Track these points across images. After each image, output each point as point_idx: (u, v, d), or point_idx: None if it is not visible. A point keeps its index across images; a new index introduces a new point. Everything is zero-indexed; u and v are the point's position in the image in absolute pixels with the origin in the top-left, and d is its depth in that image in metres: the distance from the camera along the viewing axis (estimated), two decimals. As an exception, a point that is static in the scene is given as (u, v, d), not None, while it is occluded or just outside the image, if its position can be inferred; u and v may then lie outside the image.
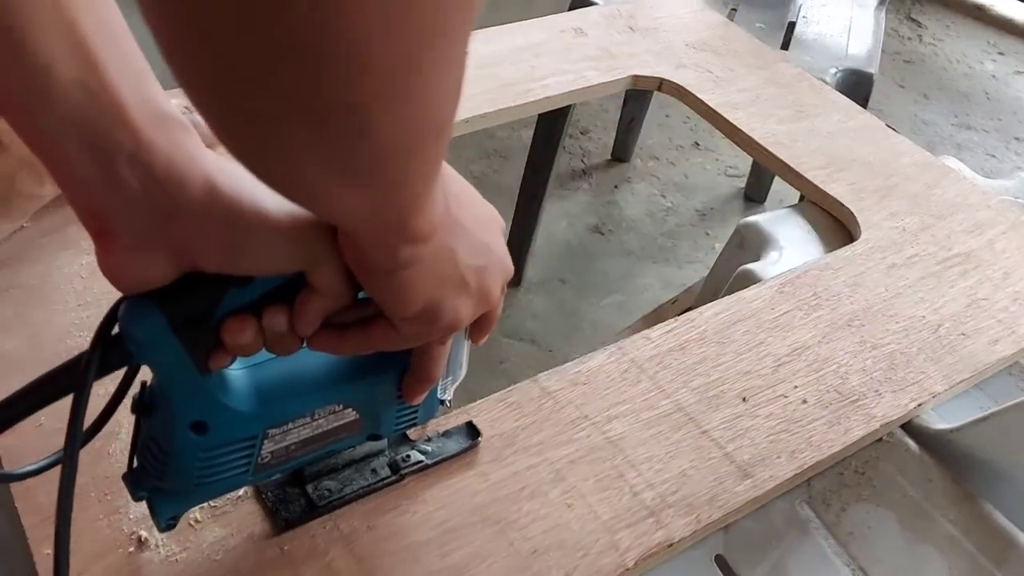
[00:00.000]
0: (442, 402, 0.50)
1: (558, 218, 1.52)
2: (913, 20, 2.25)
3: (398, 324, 0.37)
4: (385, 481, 0.53)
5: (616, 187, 1.61)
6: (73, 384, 0.35)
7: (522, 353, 1.25)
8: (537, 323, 1.32)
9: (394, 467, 0.53)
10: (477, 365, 1.22)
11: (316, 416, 0.43)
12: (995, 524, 0.61)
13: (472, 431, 0.57)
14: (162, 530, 0.44)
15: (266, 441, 0.42)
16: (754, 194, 1.58)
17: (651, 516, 0.55)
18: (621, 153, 1.65)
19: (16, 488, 0.50)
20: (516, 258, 1.36)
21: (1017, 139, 1.85)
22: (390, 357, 0.42)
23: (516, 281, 1.39)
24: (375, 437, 0.48)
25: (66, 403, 0.36)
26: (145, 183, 0.33)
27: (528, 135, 1.32)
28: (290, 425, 0.42)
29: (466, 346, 0.48)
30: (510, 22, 1.56)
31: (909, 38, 2.17)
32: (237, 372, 0.40)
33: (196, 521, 0.50)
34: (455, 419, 0.59)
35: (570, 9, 1.17)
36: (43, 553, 0.47)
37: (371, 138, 0.25)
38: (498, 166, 1.61)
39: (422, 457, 0.54)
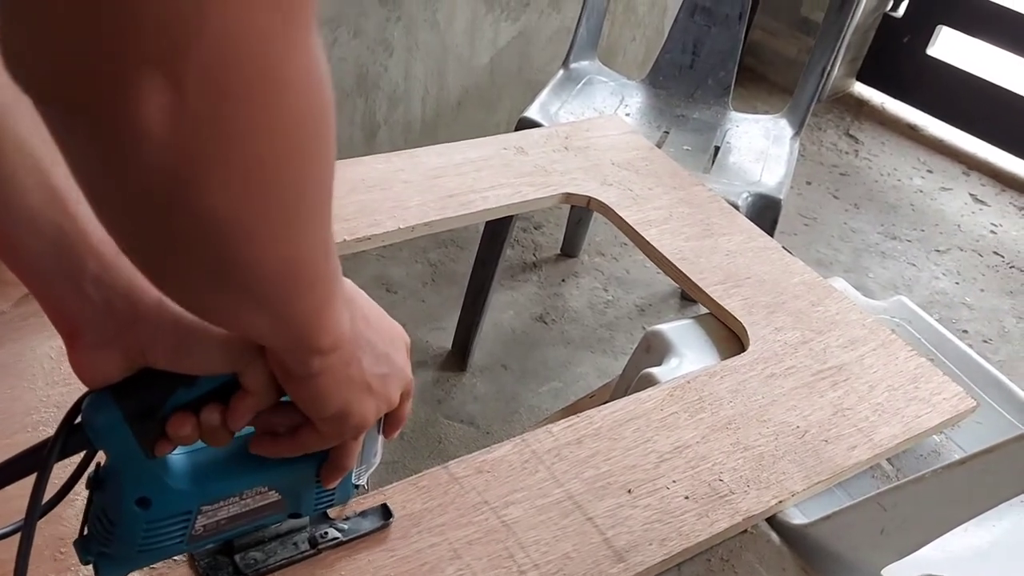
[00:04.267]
0: (356, 487, 0.58)
1: (506, 307, 1.63)
2: (851, 136, 2.43)
3: (318, 425, 0.46)
4: (304, 554, 0.60)
5: (563, 280, 1.73)
6: (37, 465, 0.43)
7: (460, 434, 1.33)
8: (478, 406, 1.41)
9: (313, 542, 0.61)
10: (417, 443, 1.31)
11: (244, 496, 0.51)
12: (837, 610, 0.70)
13: (385, 512, 0.65)
14: None
15: (199, 516, 0.49)
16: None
17: (533, 592, 0.63)
18: (570, 249, 1.78)
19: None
20: (463, 344, 1.47)
21: (937, 251, 2.00)
22: None
23: (462, 366, 1.48)
24: (296, 515, 0.56)
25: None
26: (107, 298, 0.42)
27: (483, 226, 1.44)
28: (221, 503, 0.50)
29: (380, 439, 0.57)
30: (469, 124, 1.70)
31: (846, 152, 2.35)
32: (178, 456, 0.48)
33: (134, 581, 0.58)
34: (374, 499, 0.67)
35: (516, 129, 1.30)
36: (-3, 604, 0.55)
37: (253, 288, 0.34)
38: (454, 255, 1.73)
39: (338, 534, 0.62)
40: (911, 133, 2.47)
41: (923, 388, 0.88)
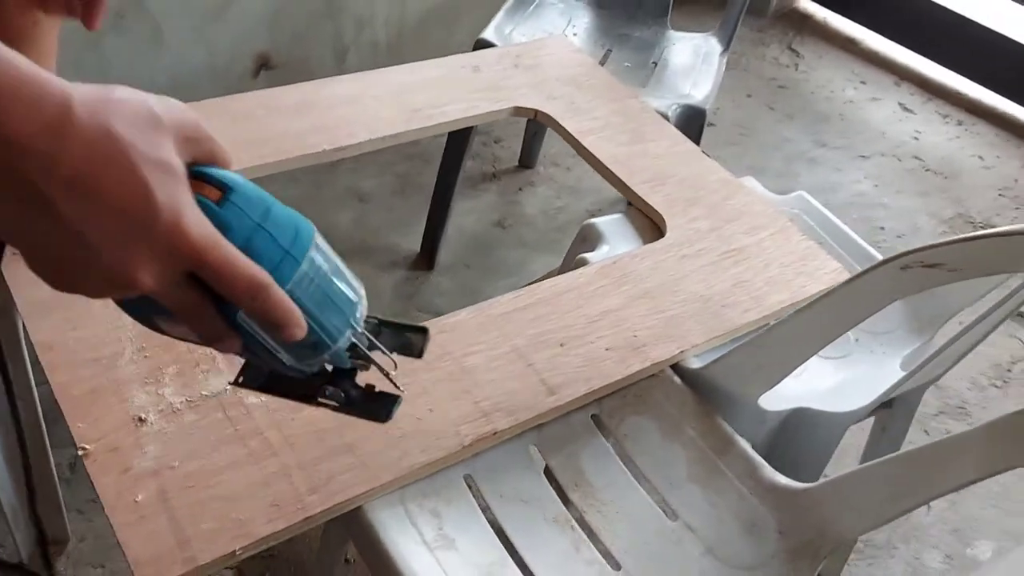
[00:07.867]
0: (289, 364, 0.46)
1: (468, 213, 1.80)
2: (793, 50, 2.58)
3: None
4: (299, 397, 0.52)
5: (520, 189, 1.89)
6: None
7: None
8: (444, 299, 1.59)
9: (309, 393, 0.52)
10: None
11: None
12: (722, 431, 0.90)
13: (389, 403, 0.54)
14: None
15: None
16: (636, 198, 1.87)
17: (484, 416, 0.83)
18: (527, 160, 1.93)
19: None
20: (430, 246, 1.65)
21: (862, 156, 2.19)
22: None
23: (429, 265, 1.65)
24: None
25: None
26: None
27: (445, 140, 1.58)
28: None
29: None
30: (432, 44, 1.83)
31: (786, 66, 2.50)
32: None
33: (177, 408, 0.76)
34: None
35: (473, 50, 1.44)
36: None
37: None
38: (420, 168, 1.87)
39: (336, 401, 0.52)
40: (849, 46, 2.62)
41: (810, 265, 1.07)
